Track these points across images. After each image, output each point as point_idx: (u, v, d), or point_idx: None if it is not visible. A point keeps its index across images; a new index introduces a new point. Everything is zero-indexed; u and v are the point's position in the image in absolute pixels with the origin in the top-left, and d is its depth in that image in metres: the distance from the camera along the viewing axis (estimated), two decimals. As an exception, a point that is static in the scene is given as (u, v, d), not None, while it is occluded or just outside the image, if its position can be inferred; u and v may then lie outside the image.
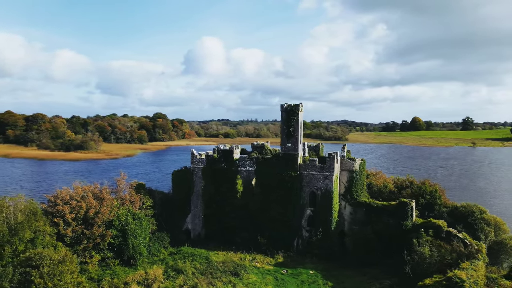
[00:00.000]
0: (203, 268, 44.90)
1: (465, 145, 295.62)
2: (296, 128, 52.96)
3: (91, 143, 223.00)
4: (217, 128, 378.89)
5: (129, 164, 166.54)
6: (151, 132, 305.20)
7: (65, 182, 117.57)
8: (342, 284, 42.86)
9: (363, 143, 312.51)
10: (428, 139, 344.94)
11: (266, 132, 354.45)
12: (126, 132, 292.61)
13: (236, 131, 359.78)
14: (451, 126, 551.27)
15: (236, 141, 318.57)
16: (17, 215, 38.46)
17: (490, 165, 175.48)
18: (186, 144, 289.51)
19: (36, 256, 31.06)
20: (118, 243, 46.27)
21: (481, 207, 53.24)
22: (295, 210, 52.91)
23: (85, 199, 45.77)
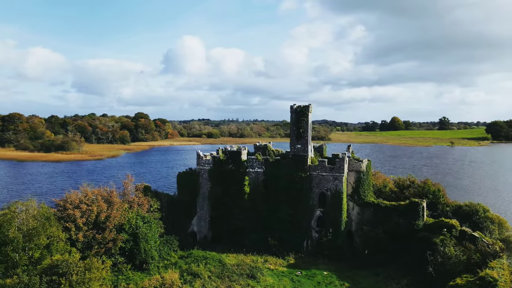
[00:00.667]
0: (218, 271, 44.37)
1: (444, 144, 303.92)
2: (306, 129, 53.04)
3: (73, 144, 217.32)
4: (199, 128, 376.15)
5: (116, 165, 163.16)
6: (133, 132, 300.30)
7: (52, 184, 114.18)
8: (358, 284, 43.18)
9: (345, 142, 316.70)
10: (407, 138, 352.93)
11: (249, 132, 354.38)
12: (108, 132, 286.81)
13: (220, 131, 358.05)
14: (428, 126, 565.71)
15: (219, 141, 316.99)
16: (29, 220, 36.94)
17: (471, 163, 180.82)
18: (169, 144, 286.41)
19: (63, 263, 29.87)
20: (129, 248, 45.18)
21: (484, 205, 54.70)
22: (305, 211, 52.99)
23: (95, 203, 44.46)
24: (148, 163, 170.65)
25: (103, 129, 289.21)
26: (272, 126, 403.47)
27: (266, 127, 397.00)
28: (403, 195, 60.45)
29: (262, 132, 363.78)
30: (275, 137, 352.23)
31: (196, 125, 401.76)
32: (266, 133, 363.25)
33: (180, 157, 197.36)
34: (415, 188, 60.87)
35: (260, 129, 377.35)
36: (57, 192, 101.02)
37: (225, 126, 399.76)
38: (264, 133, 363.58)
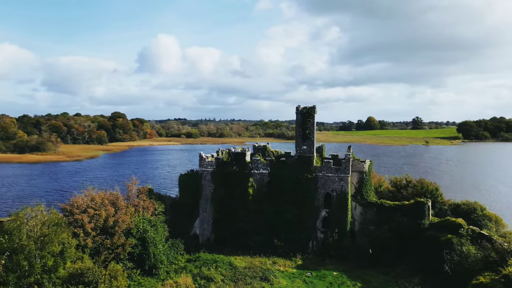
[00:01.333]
0: (230, 274, 43.93)
1: (419, 143, 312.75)
2: (312, 130, 53.31)
3: (49, 144, 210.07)
4: (178, 128, 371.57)
5: (97, 166, 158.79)
6: (110, 132, 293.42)
7: (35, 186, 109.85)
8: (369, 284, 43.78)
9: (324, 142, 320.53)
10: (384, 138, 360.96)
11: (229, 132, 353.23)
12: (84, 132, 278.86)
13: (199, 131, 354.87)
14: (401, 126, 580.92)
15: (199, 141, 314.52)
16: (39, 226, 35.34)
17: (448, 162, 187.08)
18: (149, 144, 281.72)
19: (88, 271, 28.67)
20: (138, 252, 44.04)
21: (481, 204, 56.64)
22: (311, 212, 53.24)
23: (103, 207, 43.05)
24: (130, 164, 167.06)
25: (79, 129, 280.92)
26: (251, 126, 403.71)
27: (245, 127, 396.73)
28: (400, 194, 61.65)
29: (241, 132, 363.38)
30: (255, 137, 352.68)
31: (174, 124, 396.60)
32: (246, 133, 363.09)
33: (163, 158, 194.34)
34: (413, 187, 62.25)
35: (240, 129, 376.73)
36: (41, 195, 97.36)
37: (204, 126, 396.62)
38: (244, 133, 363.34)
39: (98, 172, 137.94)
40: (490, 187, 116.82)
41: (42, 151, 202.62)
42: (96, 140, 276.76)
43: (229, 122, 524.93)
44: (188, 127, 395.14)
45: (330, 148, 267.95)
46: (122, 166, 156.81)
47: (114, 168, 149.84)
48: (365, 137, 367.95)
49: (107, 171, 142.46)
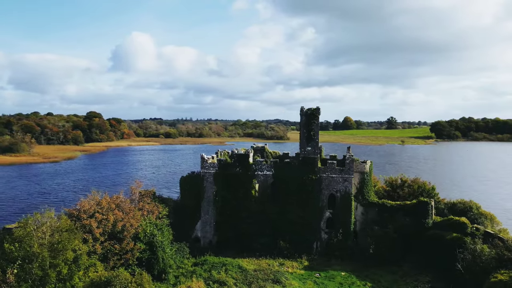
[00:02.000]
0: (241, 277, 43.53)
1: (395, 143, 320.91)
2: (316, 132, 53.59)
3: (23, 145, 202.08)
4: (156, 128, 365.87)
5: (77, 167, 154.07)
6: (86, 132, 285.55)
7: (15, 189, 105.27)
8: (378, 283, 44.37)
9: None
10: (361, 137, 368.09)
11: (208, 132, 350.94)
12: (59, 132, 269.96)
13: (177, 131, 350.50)
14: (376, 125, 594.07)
15: (178, 141, 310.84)
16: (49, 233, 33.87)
17: (426, 161, 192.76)
18: (127, 145, 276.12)
19: (115, 279, 27.64)
20: (147, 257, 42.96)
21: (476, 202, 58.52)
22: (315, 212, 53.52)
23: (111, 211, 41.74)
24: (112, 165, 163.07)
25: (53, 129, 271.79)
26: (230, 126, 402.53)
27: (224, 127, 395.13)
28: (396, 194, 62.84)
29: (220, 132, 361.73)
30: (234, 137, 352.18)
31: (151, 124, 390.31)
32: (225, 133, 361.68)
33: (144, 158, 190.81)
34: (409, 187, 63.59)
35: (219, 129, 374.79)
36: (24, 198, 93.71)
37: (182, 126, 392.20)
38: (223, 132, 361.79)
39: (79, 174, 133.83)
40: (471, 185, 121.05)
41: (15, 152, 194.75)
42: (71, 141, 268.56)
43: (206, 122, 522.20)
44: (166, 127, 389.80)
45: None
46: (104, 168, 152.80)
47: (96, 170, 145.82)
48: (343, 136, 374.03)
49: (89, 172, 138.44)
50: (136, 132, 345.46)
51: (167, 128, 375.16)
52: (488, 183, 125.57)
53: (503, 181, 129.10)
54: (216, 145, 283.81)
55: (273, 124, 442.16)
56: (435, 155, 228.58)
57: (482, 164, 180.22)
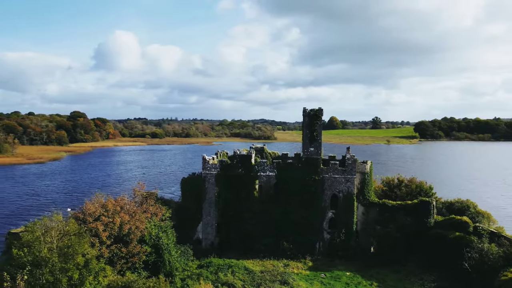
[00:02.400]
0: (249, 279, 43.32)
1: (381, 142, 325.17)
2: (319, 133, 53.76)
3: (6, 146, 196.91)
4: (142, 128, 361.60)
5: (65, 168, 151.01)
6: (71, 133, 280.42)
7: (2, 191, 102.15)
8: (384, 283, 44.80)
9: (291, 141, 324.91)
10: (347, 137, 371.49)
11: (195, 132, 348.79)
12: (42, 132, 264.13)
13: (164, 131, 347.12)
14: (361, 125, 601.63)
15: (165, 141, 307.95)
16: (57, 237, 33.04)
17: (413, 160, 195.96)
18: (113, 145, 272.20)
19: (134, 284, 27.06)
20: (153, 260, 42.34)
21: (473, 201, 59.72)
22: (318, 213, 53.72)
23: (117, 214, 40.95)
24: (100, 165, 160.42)
25: (36, 129, 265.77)
26: (217, 126, 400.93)
27: (210, 127, 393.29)
28: (394, 194, 63.56)
29: (207, 132, 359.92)
30: (222, 137, 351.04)
31: (137, 124, 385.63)
32: (212, 133, 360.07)
33: (133, 159, 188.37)
34: (406, 187, 64.40)
35: (205, 128, 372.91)
36: (14, 200, 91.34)
37: (169, 126, 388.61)
38: (210, 132, 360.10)
39: (68, 175, 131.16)
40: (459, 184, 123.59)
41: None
42: (55, 141, 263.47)
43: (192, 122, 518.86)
44: (152, 127, 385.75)
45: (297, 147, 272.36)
46: (93, 168, 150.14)
47: (84, 171, 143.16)
48: (329, 136, 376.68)
49: (78, 173, 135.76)
50: (121, 132, 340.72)
51: (153, 128, 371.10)
52: (475, 182, 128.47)
53: (489, 180, 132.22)
54: (204, 145, 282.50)
55: (260, 124, 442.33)
56: (421, 154, 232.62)
57: (467, 163, 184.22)
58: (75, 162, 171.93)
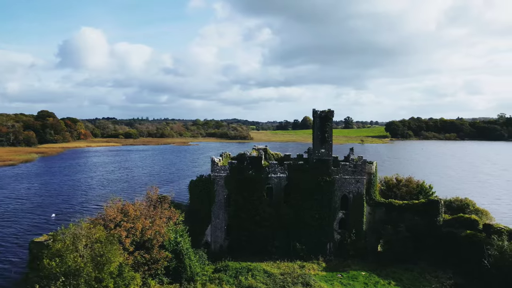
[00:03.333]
0: (271, 282, 43.00)
1: (355, 142, 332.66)
2: (330, 134, 54.15)
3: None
4: (114, 128, 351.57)
5: (39, 170, 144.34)
6: (40, 133, 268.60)
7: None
8: (401, 281, 45.64)
9: (267, 141, 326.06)
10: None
11: (170, 132, 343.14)
12: (9, 133, 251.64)
13: (138, 131, 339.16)
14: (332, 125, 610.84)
15: (140, 142, 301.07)
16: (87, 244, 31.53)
17: (390, 159, 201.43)
18: (86, 146, 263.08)
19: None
20: (174, 266, 41.26)
21: (471, 200, 62.15)
22: (329, 214, 54.10)
23: (137, 220, 39.57)
24: (79, 167, 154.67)
25: (1, 130, 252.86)
26: (192, 126, 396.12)
27: (185, 127, 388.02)
28: (393, 193, 65.07)
29: (182, 132, 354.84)
30: (197, 137, 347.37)
31: (109, 124, 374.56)
32: (187, 133, 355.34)
33: (111, 160, 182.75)
34: (406, 186, 66.03)
35: (180, 128, 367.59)
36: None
37: (142, 126, 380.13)
38: (185, 132, 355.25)
39: (47, 178, 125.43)
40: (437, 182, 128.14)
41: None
42: (23, 142, 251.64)
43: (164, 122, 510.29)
44: (124, 127, 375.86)
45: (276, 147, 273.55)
46: (72, 170, 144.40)
47: (64, 172, 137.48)
48: (304, 136, 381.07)
49: (58, 176, 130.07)
50: (93, 132, 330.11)
51: (126, 128, 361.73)
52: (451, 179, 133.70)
53: (464, 177, 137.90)
54: (181, 146, 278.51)
55: (235, 124, 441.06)
56: (395, 153, 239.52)
57: (440, 161, 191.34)
58: (51, 164, 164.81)
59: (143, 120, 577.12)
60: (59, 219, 74.27)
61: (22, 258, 55.19)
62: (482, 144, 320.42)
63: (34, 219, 75.58)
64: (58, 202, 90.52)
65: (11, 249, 60.06)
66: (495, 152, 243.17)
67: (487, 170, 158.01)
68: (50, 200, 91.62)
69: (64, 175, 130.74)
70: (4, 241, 63.55)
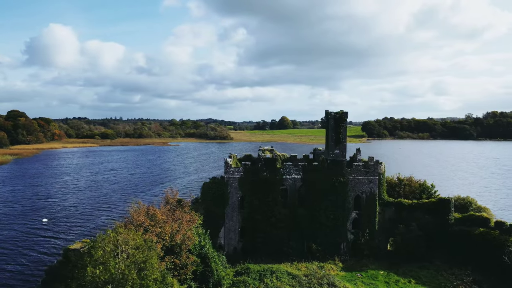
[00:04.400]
0: (297, 284, 42.98)
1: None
2: (344, 135, 54.66)
3: None
4: (89, 128, 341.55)
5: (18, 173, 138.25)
6: (11, 134, 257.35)
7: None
8: (420, 279, 46.63)
9: (247, 141, 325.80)
10: (300, 136, 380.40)
11: (148, 132, 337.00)
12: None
13: (115, 132, 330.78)
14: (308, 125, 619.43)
15: (119, 142, 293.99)
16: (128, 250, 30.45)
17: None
18: (62, 147, 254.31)
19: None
20: (201, 270, 40.50)
21: (472, 198, 64.26)
22: (343, 214, 54.62)
23: (166, 224, 38.58)
24: (61, 168, 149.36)
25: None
26: (170, 126, 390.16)
27: (163, 127, 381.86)
28: (396, 192, 66.49)
29: (161, 132, 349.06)
30: (176, 137, 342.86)
31: (84, 124, 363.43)
32: (166, 133, 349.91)
33: (93, 161, 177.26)
34: (409, 185, 67.53)
35: (158, 129, 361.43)
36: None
37: (119, 126, 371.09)
38: (164, 133, 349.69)
39: (29, 180, 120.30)
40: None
41: None
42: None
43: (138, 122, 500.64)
44: (100, 127, 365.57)
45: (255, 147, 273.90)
46: (56, 172, 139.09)
47: (47, 174, 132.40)
48: (283, 136, 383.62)
49: (41, 178, 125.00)
50: (67, 133, 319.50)
51: (102, 128, 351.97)
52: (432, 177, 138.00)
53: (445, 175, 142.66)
54: (160, 146, 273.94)
55: (213, 124, 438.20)
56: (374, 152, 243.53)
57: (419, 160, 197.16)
58: (28, 166, 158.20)
59: (117, 120, 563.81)
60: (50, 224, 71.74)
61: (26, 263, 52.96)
62: (454, 143, 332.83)
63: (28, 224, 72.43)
64: (49, 205, 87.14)
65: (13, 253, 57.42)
66: (467, 151, 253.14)
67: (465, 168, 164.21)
68: (42, 204, 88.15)
69: (49, 177, 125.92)
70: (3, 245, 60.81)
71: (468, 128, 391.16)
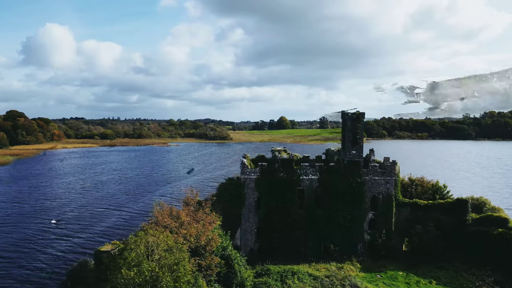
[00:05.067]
0: (319, 285, 42.86)
1: (335, 142, 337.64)
2: (361, 136, 54.57)
3: None
4: (89, 128, 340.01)
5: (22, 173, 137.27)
6: (11, 134, 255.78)
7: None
8: (440, 280, 46.63)
9: (247, 141, 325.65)
10: (299, 137, 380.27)
11: (147, 132, 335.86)
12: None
13: (114, 132, 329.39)
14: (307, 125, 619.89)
15: (118, 142, 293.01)
16: (162, 254, 30.21)
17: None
18: (62, 147, 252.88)
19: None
20: (225, 272, 40.27)
21: (485, 198, 64.38)
22: (360, 215, 54.55)
23: (190, 225, 38.31)
24: (65, 169, 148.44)
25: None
26: (169, 126, 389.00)
27: (161, 127, 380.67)
28: (408, 193, 66.52)
29: (160, 132, 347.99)
30: (175, 137, 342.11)
31: (83, 124, 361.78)
32: (165, 133, 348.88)
33: (96, 161, 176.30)
34: (421, 186, 67.56)
35: (158, 129, 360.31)
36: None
37: (118, 126, 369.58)
38: (163, 133, 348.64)
39: (35, 180, 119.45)
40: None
41: None
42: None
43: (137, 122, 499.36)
44: (99, 127, 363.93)
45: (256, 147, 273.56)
46: (60, 173, 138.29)
47: (51, 175, 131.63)
48: (282, 136, 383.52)
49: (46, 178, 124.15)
50: (66, 133, 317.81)
51: (101, 128, 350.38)
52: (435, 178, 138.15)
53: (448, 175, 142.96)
54: (161, 147, 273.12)
55: (212, 124, 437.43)
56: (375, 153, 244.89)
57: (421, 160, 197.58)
58: (30, 166, 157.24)
59: (114, 120, 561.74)
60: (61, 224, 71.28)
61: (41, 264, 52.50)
62: (453, 143, 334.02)
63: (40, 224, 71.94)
64: (57, 205, 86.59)
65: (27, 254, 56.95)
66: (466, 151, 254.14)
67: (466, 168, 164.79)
68: (50, 204, 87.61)
69: (54, 178, 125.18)
70: (16, 246, 60.27)
71: (466, 128, 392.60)
